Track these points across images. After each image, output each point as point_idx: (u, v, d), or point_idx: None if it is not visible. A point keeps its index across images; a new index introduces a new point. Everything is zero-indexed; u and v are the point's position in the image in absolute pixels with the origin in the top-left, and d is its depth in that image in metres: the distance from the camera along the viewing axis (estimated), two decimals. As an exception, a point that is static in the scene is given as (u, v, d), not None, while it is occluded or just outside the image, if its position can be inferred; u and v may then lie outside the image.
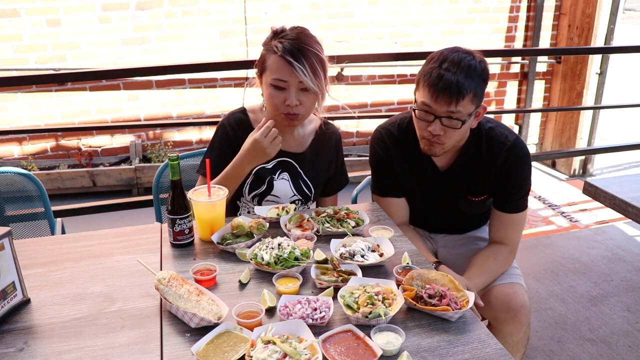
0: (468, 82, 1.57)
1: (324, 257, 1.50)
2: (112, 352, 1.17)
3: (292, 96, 1.71)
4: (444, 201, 1.88)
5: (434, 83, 1.58)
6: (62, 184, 4.13)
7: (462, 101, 1.58)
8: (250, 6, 4.28)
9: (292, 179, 1.88)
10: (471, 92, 1.58)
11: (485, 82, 1.64)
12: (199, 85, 4.37)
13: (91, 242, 1.66)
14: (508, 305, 1.69)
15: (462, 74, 1.57)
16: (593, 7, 4.49)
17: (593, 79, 4.66)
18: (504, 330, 1.70)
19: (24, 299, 1.34)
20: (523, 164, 1.77)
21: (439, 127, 1.63)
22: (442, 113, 1.61)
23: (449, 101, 1.58)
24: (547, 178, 4.78)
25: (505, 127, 1.80)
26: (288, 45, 1.67)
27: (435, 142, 1.67)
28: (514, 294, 1.70)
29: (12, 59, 3.99)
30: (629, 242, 3.49)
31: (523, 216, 1.81)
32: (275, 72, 1.70)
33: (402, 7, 4.62)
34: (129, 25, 4.13)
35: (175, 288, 1.27)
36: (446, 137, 1.65)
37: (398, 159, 1.85)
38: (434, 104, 1.60)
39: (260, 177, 1.85)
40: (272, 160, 1.84)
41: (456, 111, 1.59)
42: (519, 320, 1.69)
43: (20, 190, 2.10)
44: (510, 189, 1.77)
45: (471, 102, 1.60)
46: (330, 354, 1.13)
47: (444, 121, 1.62)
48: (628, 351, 2.44)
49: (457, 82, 1.56)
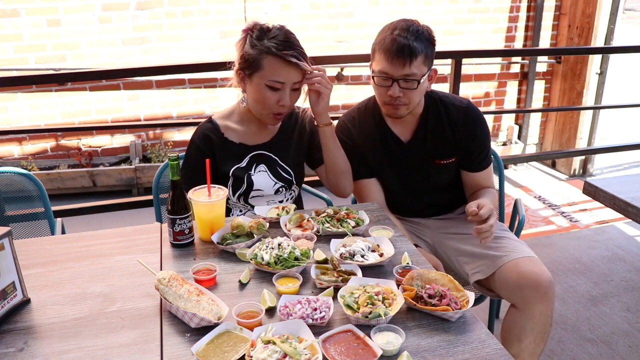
0: (418, 44, 1.74)
1: (324, 257, 1.50)
2: (112, 352, 1.17)
3: (287, 97, 1.76)
4: (414, 173, 1.96)
5: (388, 48, 1.75)
6: (62, 184, 4.13)
7: (415, 61, 1.74)
8: (250, 6, 4.28)
9: (269, 169, 1.91)
10: (422, 53, 1.75)
11: (433, 46, 1.81)
12: (199, 85, 4.38)
13: (91, 242, 1.66)
14: (537, 284, 1.66)
15: (412, 37, 1.74)
16: (593, 7, 4.49)
17: (593, 79, 4.66)
18: (534, 310, 1.67)
19: (24, 299, 1.34)
20: (482, 123, 1.96)
21: (398, 89, 1.78)
22: (399, 76, 1.76)
23: (404, 62, 1.73)
24: (547, 178, 4.78)
25: (455, 95, 2.02)
26: (284, 46, 1.70)
27: (397, 104, 1.82)
28: (540, 272, 1.68)
29: (12, 59, 3.99)
30: (629, 242, 3.49)
31: (491, 169, 2.03)
32: (273, 73, 1.72)
33: (402, 7, 4.62)
34: (129, 25, 4.13)
35: (175, 288, 1.27)
36: (406, 97, 1.80)
37: (362, 139, 1.98)
38: (391, 67, 1.76)
39: (238, 177, 1.88)
40: (245, 158, 1.89)
41: (411, 73, 1.75)
42: (548, 296, 1.67)
43: (20, 190, 2.10)
44: (477, 149, 1.94)
45: (423, 63, 1.77)
46: (330, 354, 1.13)
47: (402, 83, 1.77)
48: (628, 351, 2.44)
49: (409, 45, 1.73)
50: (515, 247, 1.80)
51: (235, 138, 1.90)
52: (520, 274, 1.70)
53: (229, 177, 1.89)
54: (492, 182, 2.02)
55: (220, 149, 1.88)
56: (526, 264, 1.72)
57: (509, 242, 1.84)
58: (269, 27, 1.75)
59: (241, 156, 1.89)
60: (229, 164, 1.88)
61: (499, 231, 1.89)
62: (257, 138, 1.92)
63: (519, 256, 1.75)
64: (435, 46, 1.83)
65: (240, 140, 1.90)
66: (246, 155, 1.89)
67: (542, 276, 1.67)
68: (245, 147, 1.90)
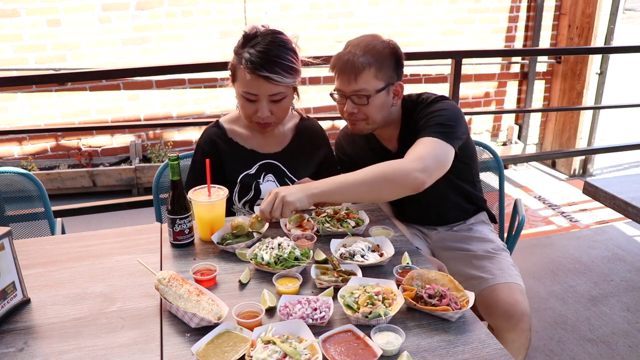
0: (365, 57, 1.69)
1: (324, 257, 1.50)
2: (112, 352, 1.17)
3: (263, 108, 1.73)
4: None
5: (336, 64, 1.74)
6: (62, 184, 4.13)
7: (360, 77, 1.69)
8: (250, 6, 4.28)
9: (277, 180, 1.89)
10: (371, 66, 1.69)
11: (391, 59, 1.74)
12: (199, 85, 4.38)
13: (91, 242, 1.66)
14: (509, 314, 1.66)
15: (359, 52, 1.70)
16: (593, 7, 4.49)
17: (593, 79, 4.66)
18: (506, 337, 1.68)
19: (24, 299, 1.34)
20: (438, 101, 1.78)
21: (351, 105, 1.75)
22: (349, 92, 1.73)
23: (349, 78, 1.71)
24: (547, 178, 4.78)
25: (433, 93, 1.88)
26: (257, 58, 1.65)
27: (354, 120, 1.79)
28: (514, 303, 1.67)
29: (12, 59, 3.99)
30: (629, 242, 3.49)
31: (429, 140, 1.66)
32: (245, 85, 1.71)
33: (402, 7, 4.62)
34: (129, 25, 4.13)
35: (175, 288, 1.27)
36: (361, 113, 1.76)
37: (355, 154, 1.97)
38: (340, 84, 1.75)
39: (246, 184, 1.86)
40: (254, 165, 1.87)
41: (359, 88, 1.71)
42: (520, 327, 1.66)
43: (20, 190, 2.10)
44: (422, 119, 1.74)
45: (374, 77, 1.71)
46: (330, 354, 1.13)
47: (354, 99, 1.74)
48: (628, 351, 2.44)
49: (352, 61, 1.69)
50: (501, 271, 1.77)
51: (246, 143, 1.88)
52: (496, 300, 1.68)
53: (237, 184, 1.86)
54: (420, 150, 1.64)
55: (229, 154, 1.86)
56: (503, 291, 1.69)
57: (499, 264, 1.80)
58: (256, 34, 1.71)
59: (251, 163, 1.87)
60: (237, 170, 1.86)
61: (493, 250, 1.87)
62: (268, 147, 1.90)
63: (499, 282, 1.72)
64: (397, 59, 1.75)
65: (252, 147, 1.88)
66: (256, 162, 1.87)
67: (516, 307, 1.65)
68: (255, 154, 1.88)
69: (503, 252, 1.89)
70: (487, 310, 1.71)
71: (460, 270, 1.84)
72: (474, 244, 1.92)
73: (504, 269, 1.79)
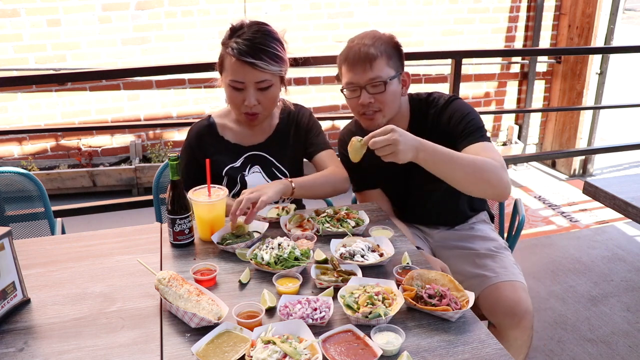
0: (375, 47, 1.73)
1: (324, 257, 1.50)
2: (112, 352, 1.17)
3: (250, 96, 1.76)
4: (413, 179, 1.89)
5: (347, 57, 1.76)
6: (62, 184, 4.13)
7: (375, 64, 1.73)
8: (250, 6, 4.28)
9: (264, 170, 1.91)
10: (382, 55, 1.74)
11: (396, 49, 1.79)
12: (199, 85, 4.38)
13: (91, 242, 1.66)
14: (512, 312, 1.66)
15: (368, 42, 1.74)
16: (593, 7, 4.49)
17: (593, 79, 4.66)
18: (509, 335, 1.68)
19: (24, 299, 1.34)
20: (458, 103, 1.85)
21: (367, 96, 1.76)
22: (364, 82, 1.75)
23: (364, 67, 1.73)
24: (547, 178, 4.78)
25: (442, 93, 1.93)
26: (243, 46, 1.70)
27: (371, 112, 1.78)
28: (517, 300, 1.67)
29: (12, 59, 3.99)
30: (629, 242, 3.49)
31: (490, 146, 1.76)
32: (232, 73, 1.74)
33: (402, 7, 4.62)
34: (129, 25, 4.13)
35: (175, 288, 1.27)
36: (377, 103, 1.77)
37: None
38: (354, 76, 1.75)
39: (231, 177, 1.89)
40: (239, 159, 1.90)
41: (375, 76, 1.73)
42: (523, 325, 1.67)
43: (20, 190, 2.10)
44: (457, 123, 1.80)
45: (387, 65, 1.75)
46: (330, 354, 1.13)
47: (369, 89, 1.75)
48: (628, 351, 2.44)
49: (365, 50, 1.73)
50: (504, 269, 1.77)
51: (231, 138, 1.92)
52: (499, 298, 1.69)
53: (223, 177, 1.90)
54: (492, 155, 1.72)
55: (214, 148, 1.89)
56: (506, 289, 1.70)
57: (502, 262, 1.81)
58: (242, 25, 1.76)
59: (236, 156, 1.90)
60: (222, 163, 1.89)
61: (495, 249, 1.87)
62: (252, 138, 1.93)
63: (503, 280, 1.73)
64: (400, 50, 1.81)
65: (236, 141, 1.91)
66: (241, 155, 1.90)
67: (520, 304, 1.66)
68: (240, 148, 1.91)
69: (505, 251, 1.89)
70: (490, 308, 1.71)
71: (463, 268, 1.84)
72: (476, 242, 1.92)
73: (506, 267, 1.79)
